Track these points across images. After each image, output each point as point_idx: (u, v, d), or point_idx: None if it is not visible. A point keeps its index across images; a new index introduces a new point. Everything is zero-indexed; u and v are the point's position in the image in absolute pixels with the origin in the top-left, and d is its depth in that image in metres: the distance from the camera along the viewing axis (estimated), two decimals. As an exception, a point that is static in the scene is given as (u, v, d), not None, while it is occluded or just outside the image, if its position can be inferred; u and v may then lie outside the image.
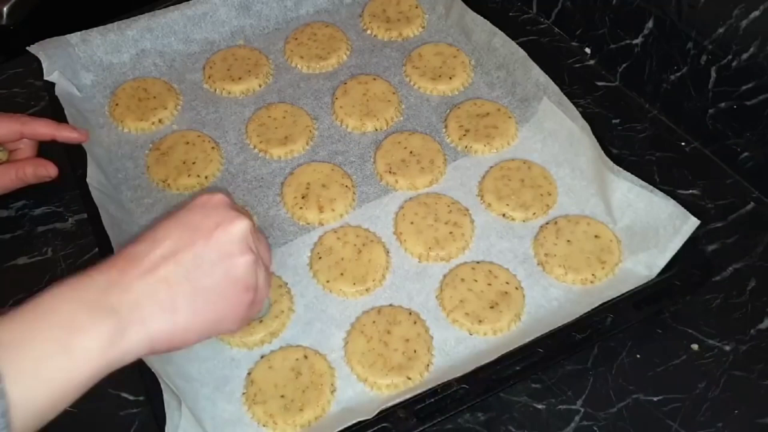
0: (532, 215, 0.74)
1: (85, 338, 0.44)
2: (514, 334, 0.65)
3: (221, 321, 0.53)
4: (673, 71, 0.81)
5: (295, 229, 0.74)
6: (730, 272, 0.71)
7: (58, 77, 0.82)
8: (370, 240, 0.72)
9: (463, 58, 0.87)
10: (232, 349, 0.65)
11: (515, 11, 0.98)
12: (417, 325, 0.66)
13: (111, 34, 0.86)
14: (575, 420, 0.62)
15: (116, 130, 0.82)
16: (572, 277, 0.69)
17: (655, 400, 0.63)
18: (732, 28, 0.72)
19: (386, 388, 0.62)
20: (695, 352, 0.66)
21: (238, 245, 0.52)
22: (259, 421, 0.61)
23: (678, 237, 0.66)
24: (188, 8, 0.88)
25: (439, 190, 0.76)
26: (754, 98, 0.73)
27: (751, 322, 0.67)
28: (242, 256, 0.52)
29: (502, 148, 0.79)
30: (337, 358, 0.65)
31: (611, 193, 0.71)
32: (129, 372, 0.61)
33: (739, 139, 0.77)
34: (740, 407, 0.62)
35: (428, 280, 0.70)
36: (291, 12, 0.93)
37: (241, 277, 0.52)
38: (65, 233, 0.74)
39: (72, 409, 0.62)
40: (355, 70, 0.88)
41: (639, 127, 0.84)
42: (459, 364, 0.63)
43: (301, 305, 0.68)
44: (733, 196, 0.77)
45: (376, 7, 0.94)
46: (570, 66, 0.90)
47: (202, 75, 0.87)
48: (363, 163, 0.79)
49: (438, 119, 0.83)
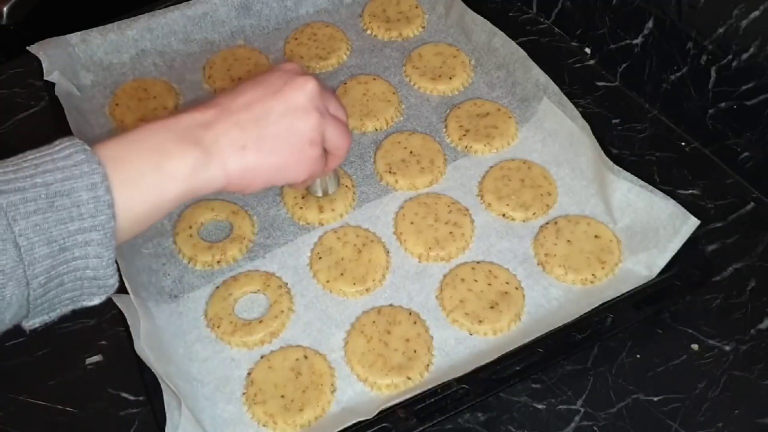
0: (532, 215, 0.74)
1: (174, 163, 0.51)
2: (514, 334, 0.65)
3: (286, 168, 0.58)
4: (673, 71, 0.81)
5: (295, 229, 0.74)
6: (730, 272, 0.71)
7: (58, 77, 0.81)
8: (370, 240, 0.72)
9: (463, 58, 0.87)
10: (232, 349, 0.65)
11: (515, 11, 0.98)
12: (417, 325, 0.66)
13: (111, 34, 0.86)
14: (575, 420, 0.62)
15: (116, 131, 0.82)
16: (572, 277, 0.69)
17: (655, 400, 0.63)
18: (732, 28, 0.72)
19: (386, 388, 0.62)
20: (695, 352, 0.66)
21: (303, 102, 0.58)
22: (259, 421, 0.61)
23: (678, 237, 0.66)
24: (188, 8, 0.88)
25: (439, 190, 0.76)
26: (754, 98, 0.73)
27: (751, 322, 0.67)
28: (306, 112, 0.58)
29: (502, 148, 0.79)
30: (337, 358, 0.65)
31: (611, 193, 0.71)
32: (129, 372, 0.61)
33: (739, 139, 0.77)
34: (740, 407, 0.62)
35: (428, 280, 0.70)
36: (291, 12, 0.93)
37: (304, 131, 0.58)
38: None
39: (72, 409, 0.63)
40: (355, 70, 0.88)
41: (639, 127, 0.84)
42: (459, 364, 0.63)
43: (301, 305, 0.68)
44: (733, 196, 0.77)
45: (376, 7, 0.94)
46: (570, 66, 0.90)
47: (202, 75, 0.87)
48: (363, 163, 0.79)
49: (438, 119, 0.83)
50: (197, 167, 0.52)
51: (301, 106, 0.58)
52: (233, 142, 0.54)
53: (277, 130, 0.57)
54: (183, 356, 0.65)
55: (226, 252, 0.71)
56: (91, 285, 0.48)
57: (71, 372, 0.65)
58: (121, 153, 0.49)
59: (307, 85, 0.58)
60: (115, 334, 0.67)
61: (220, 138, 0.54)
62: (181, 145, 0.52)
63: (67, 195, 0.45)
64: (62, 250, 0.45)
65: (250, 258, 0.71)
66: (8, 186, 0.44)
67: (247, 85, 0.59)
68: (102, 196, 0.46)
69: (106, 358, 0.66)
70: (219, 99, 0.57)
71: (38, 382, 0.65)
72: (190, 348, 0.65)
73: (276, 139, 0.57)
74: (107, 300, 0.50)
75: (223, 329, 0.66)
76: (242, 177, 0.55)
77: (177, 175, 0.51)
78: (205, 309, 0.68)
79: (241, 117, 0.55)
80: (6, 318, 0.45)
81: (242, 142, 0.55)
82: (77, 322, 0.68)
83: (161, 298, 0.68)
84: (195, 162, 0.52)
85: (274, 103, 0.57)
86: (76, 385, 0.65)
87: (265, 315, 0.67)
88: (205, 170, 0.52)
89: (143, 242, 0.72)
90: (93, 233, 0.45)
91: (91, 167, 0.46)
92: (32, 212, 0.44)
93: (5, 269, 0.43)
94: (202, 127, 0.54)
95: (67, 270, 0.46)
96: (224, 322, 0.66)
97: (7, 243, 0.43)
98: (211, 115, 0.55)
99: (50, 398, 0.64)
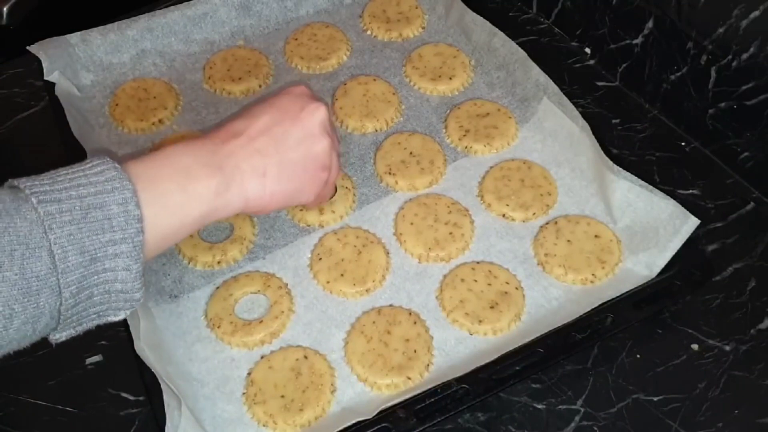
0: (532, 215, 0.74)
1: (198, 185, 0.53)
2: (514, 334, 0.65)
3: (300, 191, 0.61)
4: (673, 71, 0.81)
5: (296, 230, 0.74)
6: (730, 272, 0.71)
7: (58, 77, 0.81)
8: (370, 241, 0.72)
9: (463, 59, 0.87)
10: (232, 349, 0.65)
11: (515, 11, 0.98)
12: (417, 326, 0.66)
13: (111, 34, 0.86)
14: (575, 420, 0.62)
15: (116, 130, 0.82)
16: (572, 277, 0.69)
17: (655, 400, 0.63)
18: (732, 28, 0.72)
19: (386, 388, 0.62)
20: (695, 352, 0.66)
21: (318, 128, 0.61)
22: (259, 421, 0.61)
23: (678, 237, 0.66)
24: (188, 8, 0.88)
25: (439, 190, 0.76)
26: (754, 98, 0.73)
27: (751, 322, 0.67)
28: (321, 138, 0.61)
29: (502, 148, 0.79)
30: (337, 358, 0.65)
31: (611, 193, 0.71)
32: (129, 372, 0.61)
33: (739, 139, 0.77)
34: (740, 407, 0.62)
35: (428, 281, 0.70)
36: (291, 12, 0.93)
37: (320, 156, 0.61)
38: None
39: (72, 409, 0.63)
40: (355, 71, 0.88)
41: (639, 127, 0.84)
42: (459, 364, 0.63)
43: (302, 306, 0.68)
44: (733, 196, 0.77)
45: (376, 8, 0.94)
46: (570, 66, 0.90)
47: (202, 75, 0.87)
48: (363, 165, 0.79)
49: (438, 120, 0.83)
50: (220, 191, 0.54)
51: (317, 132, 0.61)
52: (254, 169, 0.57)
53: (295, 156, 0.59)
54: (183, 356, 0.65)
55: (227, 253, 0.71)
56: (118, 299, 0.49)
57: (71, 372, 0.65)
58: (149, 172, 0.51)
59: (321, 111, 0.61)
60: (115, 334, 0.67)
61: (241, 164, 0.56)
62: (205, 169, 0.54)
63: (100, 208, 0.47)
64: (93, 261, 0.46)
65: (250, 259, 0.71)
66: (45, 197, 0.46)
67: (263, 108, 0.61)
68: (132, 210, 0.48)
69: (106, 358, 0.66)
70: (236, 124, 0.59)
71: (38, 382, 0.65)
72: (190, 348, 0.65)
73: (294, 165, 0.59)
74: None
75: (223, 329, 0.66)
76: (260, 201, 0.58)
77: (201, 197, 0.53)
78: (206, 309, 0.68)
79: (261, 143, 0.58)
80: (38, 327, 0.46)
81: (262, 168, 0.57)
82: (77, 323, 0.68)
83: (161, 299, 0.68)
84: (218, 186, 0.54)
85: (293, 128, 0.60)
86: (76, 385, 0.65)
87: (266, 315, 0.67)
88: (226, 194, 0.55)
89: (143, 242, 0.72)
90: (123, 245, 0.47)
91: (122, 183, 0.48)
92: (67, 222, 0.45)
93: (40, 275, 0.44)
94: (225, 154, 0.56)
95: (97, 281, 0.47)
96: (224, 322, 0.66)
97: (42, 251, 0.44)
98: (233, 141, 0.57)
99: (50, 398, 0.64)
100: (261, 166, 0.57)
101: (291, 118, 0.60)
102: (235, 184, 0.55)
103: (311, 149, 0.60)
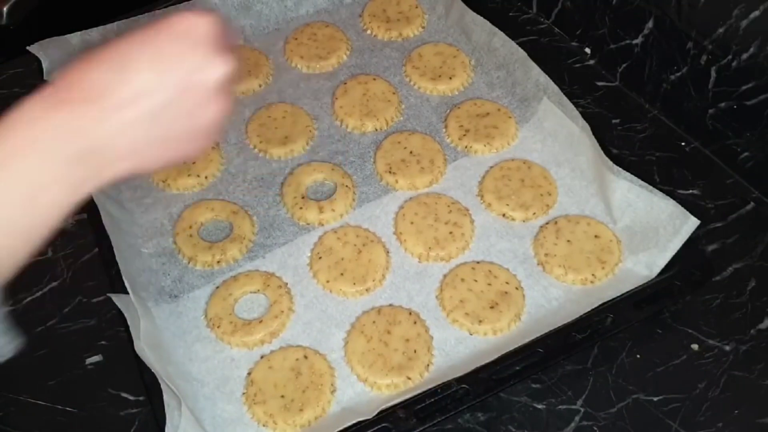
0: (532, 215, 0.74)
1: (49, 194, 0.43)
2: (514, 334, 0.65)
3: (179, 159, 0.49)
4: (673, 71, 0.81)
5: (295, 229, 0.74)
6: (730, 272, 0.71)
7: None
8: (370, 240, 0.72)
9: (463, 58, 0.87)
10: (232, 349, 0.65)
11: (515, 11, 0.97)
12: (417, 325, 0.66)
13: (111, 34, 0.85)
14: (575, 420, 0.62)
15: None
16: (572, 277, 0.69)
17: (655, 400, 0.63)
18: (732, 28, 0.72)
19: (386, 388, 0.62)
20: (695, 352, 0.66)
21: (212, 94, 0.46)
22: (259, 421, 0.61)
23: (678, 237, 0.66)
24: (188, 8, 0.88)
25: (439, 190, 0.76)
26: (754, 98, 0.73)
27: (751, 322, 0.67)
28: (213, 108, 0.47)
29: (502, 148, 0.79)
30: (337, 358, 0.65)
31: (611, 193, 0.71)
32: (129, 372, 0.61)
33: (739, 139, 0.77)
34: (740, 407, 0.62)
35: (428, 280, 0.70)
36: (291, 12, 0.93)
37: (207, 128, 0.48)
38: (65, 233, 0.74)
39: (72, 409, 0.63)
40: (355, 70, 0.88)
41: (639, 127, 0.84)
42: (459, 364, 0.63)
43: (301, 305, 0.68)
44: (733, 196, 0.77)
45: (376, 7, 0.94)
46: (570, 66, 0.90)
47: (202, 75, 0.87)
48: (363, 163, 0.79)
49: (438, 119, 0.83)
50: (78, 186, 0.44)
51: (207, 101, 0.47)
52: (125, 149, 0.44)
53: (177, 130, 0.46)
54: (183, 356, 0.65)
55: (226, 252, 0.71)
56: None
57: (71, 372, 0.65)
58: None
59: (220, 73, 0.46)
60: (115, 334, 0.67)
61: (105, 151, 0.44)
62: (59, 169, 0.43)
63: None
64: None
65: (250, 258, 0.71)
66: None
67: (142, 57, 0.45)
68: None
69: (106, 358, 0.66)
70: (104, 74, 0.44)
71: (38, 382, 0.65)
72: (190, 348, 0.65)
73: (175, 140, 0.47)
74: (107, 300, 0.50)
75: (223, 329, 0.66)
76: (131, 176, 0.47)
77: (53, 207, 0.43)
78: (205, 309, 0.68)
79: (136, 116, 0.44)
80: None
81: (134, 147, 0.45)
82: (77, 322, 0.68)
83: (161, 298, 0.68)
84: (76, 183, 0.43)
85: (178, 97, 0.45)
86: (76, 385, 0.65)
87: (265, 315, 0.67)
88: (89, 184, 0.44)
89: (143, 242, 0.72)
90: None
91: None
92: None
93: None
94: (84, 136, 0.43)
95: None
96: (224, 322, 0.66)
97: None
98: (95, 109, 0.43)
99: (50, 398, 0.64)
100: (131, 144, 0.44)
101: (176, 83, 0.45)
102: (98, 171, 0.44)
103: (197, 122, 0.47)
